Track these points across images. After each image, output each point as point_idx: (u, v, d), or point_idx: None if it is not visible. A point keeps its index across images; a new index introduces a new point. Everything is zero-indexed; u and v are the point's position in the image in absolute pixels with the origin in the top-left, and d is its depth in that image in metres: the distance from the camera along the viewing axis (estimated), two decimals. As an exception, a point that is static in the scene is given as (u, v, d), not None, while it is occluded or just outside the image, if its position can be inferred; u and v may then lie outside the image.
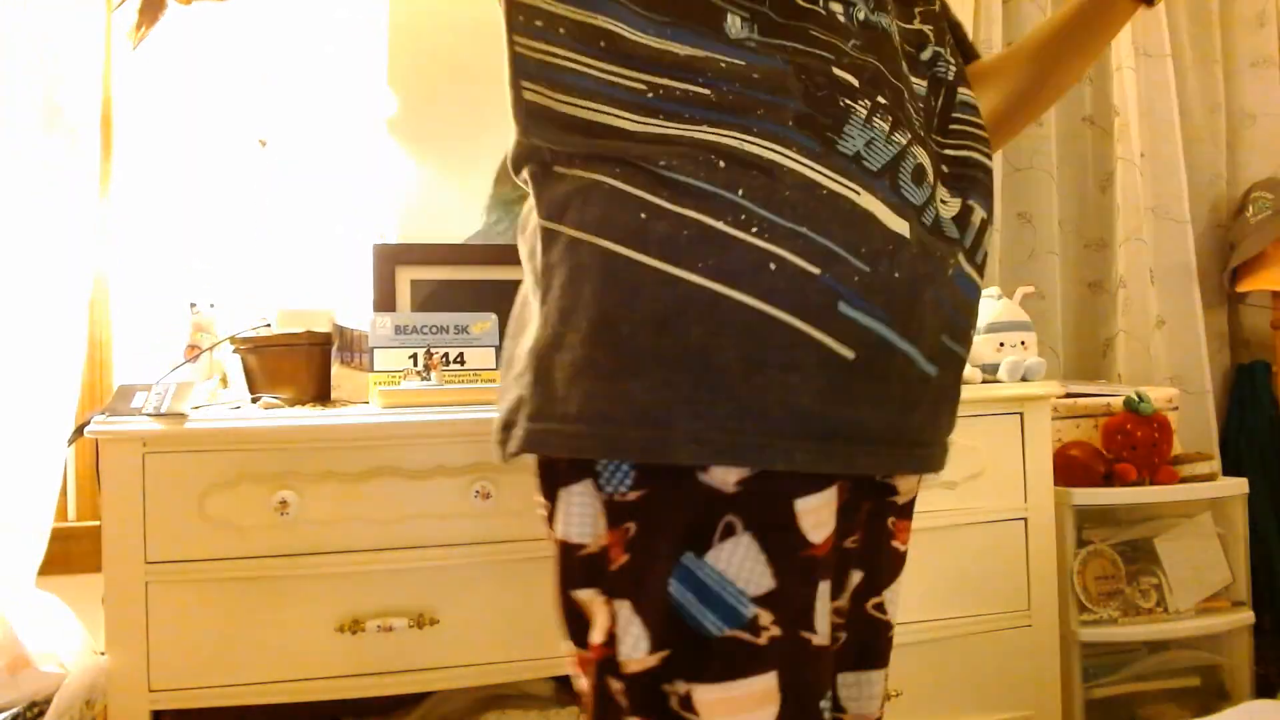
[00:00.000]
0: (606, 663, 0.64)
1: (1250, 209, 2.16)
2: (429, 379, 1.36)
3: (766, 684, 0.61)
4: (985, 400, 1.50)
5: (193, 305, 1.57)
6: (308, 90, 1.61)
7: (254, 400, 1.38)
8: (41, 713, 1.16)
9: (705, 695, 0.61)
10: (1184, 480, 1.76)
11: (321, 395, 1.44)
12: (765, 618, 0.61)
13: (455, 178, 1.79)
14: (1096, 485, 1.71)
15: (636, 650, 0.63)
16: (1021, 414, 1.52)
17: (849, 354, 0.61)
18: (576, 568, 0.67)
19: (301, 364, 1.43)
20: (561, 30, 0.66)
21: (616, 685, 0.64)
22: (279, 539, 1.20)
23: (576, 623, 0.68)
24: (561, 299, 0.65)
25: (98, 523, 1.28)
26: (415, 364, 1.39)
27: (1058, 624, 1.54)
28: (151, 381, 1.27)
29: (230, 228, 1.68)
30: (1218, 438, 2.11)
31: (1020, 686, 1.49)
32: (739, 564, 0.61)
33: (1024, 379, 1.56)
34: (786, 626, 0.62)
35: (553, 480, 0.68)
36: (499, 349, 1.47)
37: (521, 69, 0.69)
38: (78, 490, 1.62)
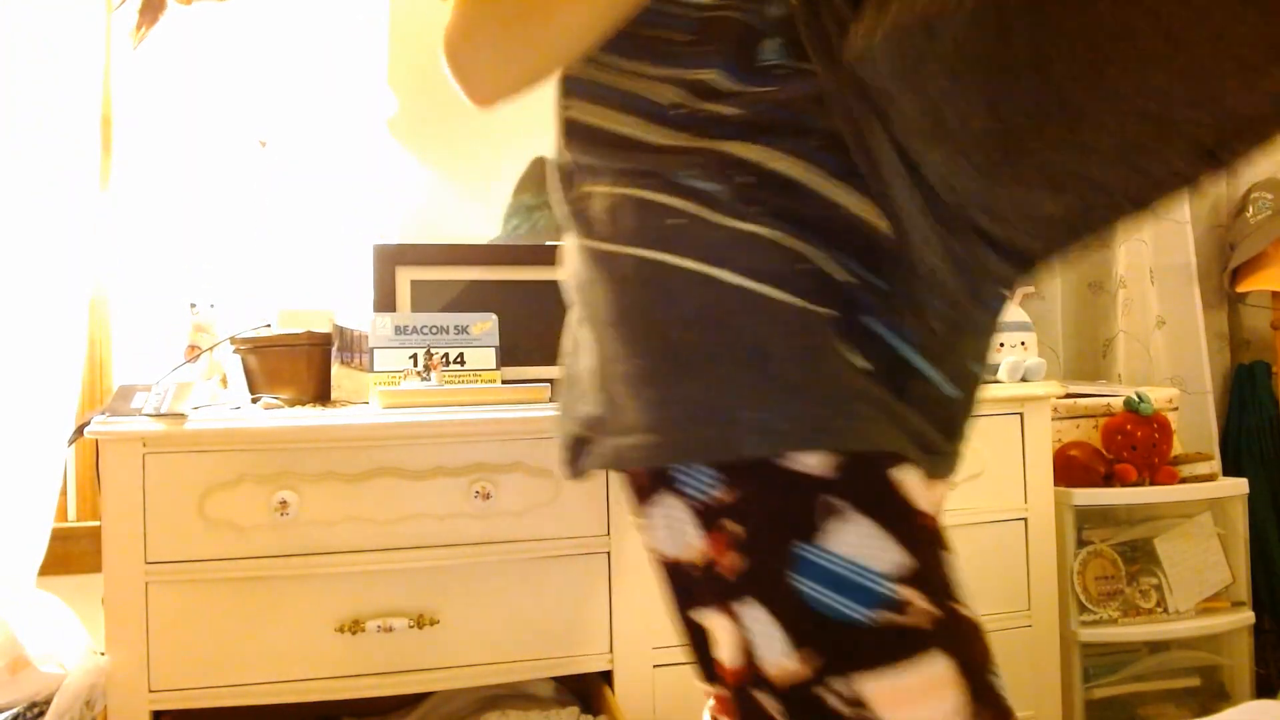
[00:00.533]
0: (750, 679, 0.59)
1: (1250, 209, 2.16)
2: (429, 379, 1.36)
3: (935, 667, 0.56)
4: (985, 400, 1.49)
5: (193, 305, 1.57)
6: (308, 90, 1.61)
7: (254, 400, 1.38)
8: (41, 713, 1.16)
9: (873, 686, 0.56)
10: (1184, 480, 1.76)
11: (321, 395, 1.44)
12: (906, 593, 0.56)
13: (455, 178, 1.79)
14: (1096, 485, 1.71)
15: (774, 653, 0.58)
16: (1022, 414, 1.52)
17: (869, 366, 0.61)
18: (685, 586, 0.65)
19: (302, 364, 1.43)
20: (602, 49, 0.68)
21: (771, 702, 0.58)
22: (279, 539, 1.20)
23: (704, 653, 0.65)
24: (609, 312, 0.65)
25: (98, 523, 1.28)
26: (415, 364, 1.39)
27: (1058, 624, 1.54)
28: (151, 382, 1.27)
29: (230, 228, 1.68)
30: (1218, 438, 2.10)
31: (1020, 686, 1.49)
32: (858, 543, 0.57)
33: (1024, 379, 1.56)
34: (934, 600, 0.57)
35: (639, 495, 0.67)
36: (499, 349, 1.47)
37: (564, 88, 0.71)
38: (78, 490, 1.62)
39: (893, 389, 0.62)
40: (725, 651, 0.61)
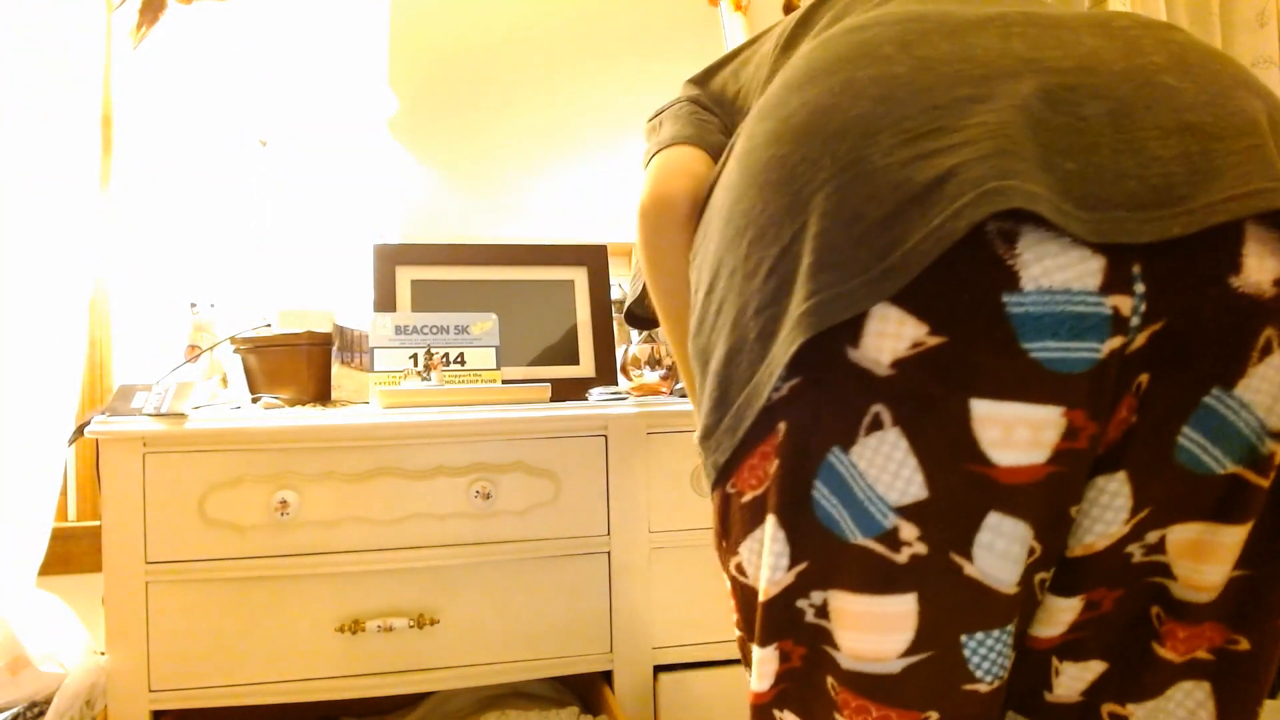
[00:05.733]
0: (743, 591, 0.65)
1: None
2: (429, 379, 1.36)
3: (902, 607, 0.56)
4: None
5: (193, 305, 1.57)
6: (308, 90, 1.61)
7: (254, 400, 1.38)
8: (41, 713, 1.16)
9: (849, 604, 0.58)
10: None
11: (322, 395, 1.44)
12: (908, 531, 0.56)
13: (455, 178, 1.79)
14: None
15: (776, 569, 0.60)
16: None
17: None
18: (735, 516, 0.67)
19: (302, 364, 1.43)
20: None
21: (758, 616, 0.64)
22: (279, 539, 1.20)
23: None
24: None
25: (98, 523, 1.28)
26: (416, 364, 1.39)
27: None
28: (151, 381, 1.27)
29: (230, 227, 1.68)
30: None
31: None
32: (882, 464, 0.55)
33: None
34: (934, 546, 0.56)
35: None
36: (499, 349, 1.47)
37: None
38: (78, 490, 1.62)
39: None
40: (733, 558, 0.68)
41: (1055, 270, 0.52)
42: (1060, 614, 0.60)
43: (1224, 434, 0.54)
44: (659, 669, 1.31)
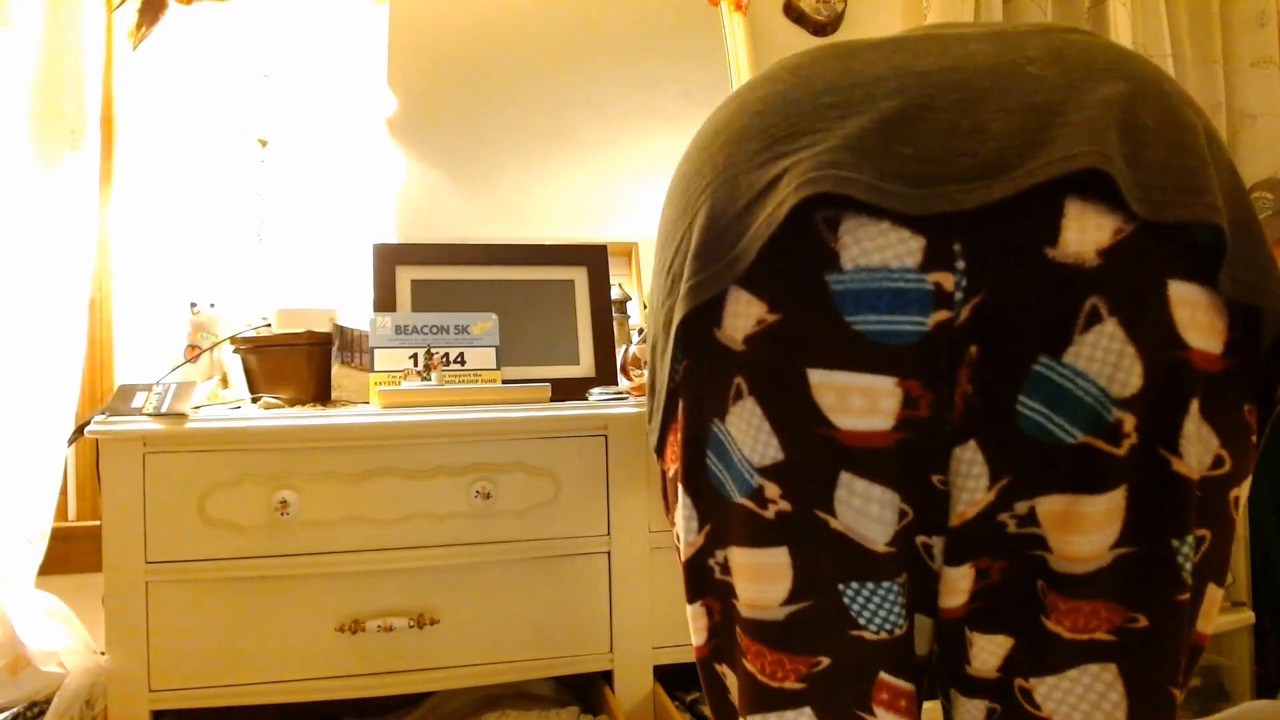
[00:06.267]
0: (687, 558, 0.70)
1: (1250, 209, 2.16)
2: (429, 379, 1.36)
3: (777, 557, 0.63)
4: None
5: (193, 305, 1.57)
6: (308, 90, 1.61)
7: (254, 400, 1.38)
8: (41, 713, 1.16)
9: (738, 557, 0.65)
10: (1184, 480, 1.76)
11: (322, 395, 1.44)
12: (771, 490, 0.62)
13: (455, 178, 1.79)
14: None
15: (689, 532, 0.68)
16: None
17: None
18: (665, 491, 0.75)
19: (302, 364, 1.43)
20: None
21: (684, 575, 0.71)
22: (279, 539, 1.20)
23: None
24: None
25: (98, 523, 1.28)
26: (416, 364, 1.39)
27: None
28: (152, 381, 1.27)
29: (230, 227, 1.68)
30: (1218, 438, 2.10)
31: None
32: (744, 429, 0.62)
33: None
34: (796, 503, 0.62)
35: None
36: (499, 349, 1.47)
37: None
38: (78, 490, 1.62)
39: None
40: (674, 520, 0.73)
41: (874, 251, 0.57)
42: (957, 582, 0.62)
43: (1065, 402, 0.57)
44: (659, 669, 1.31)
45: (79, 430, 1.22)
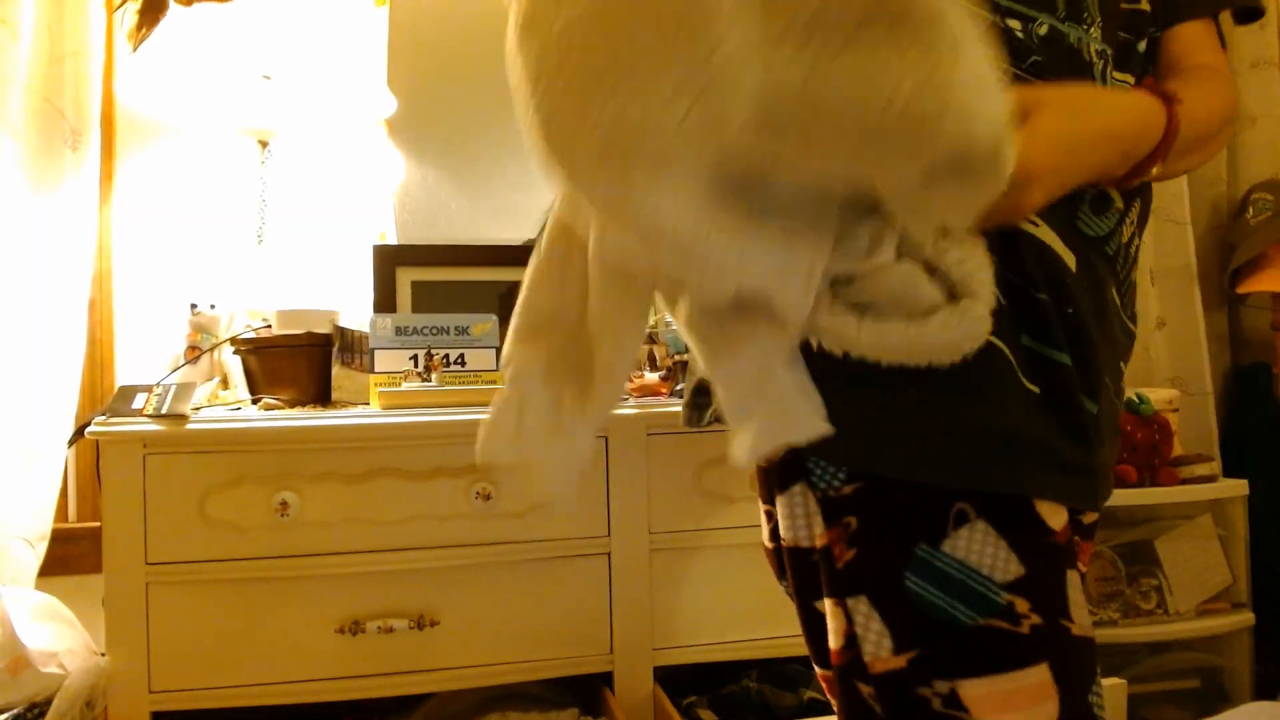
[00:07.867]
0: (850, 667, 0.62)
1: (1250, 210, 2.16)
2: (430, 380, 1.36)
3: (1040, 676, 0.58)
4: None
5: (193, 306, 1.57)
6: (308, 91, 1.61)
7: (254, 401, 1.38)
8: (41, 714, 1.16)
9: (973, 690, 0.58)
10: (1184, 482, 1.76)
11: (322, 396, 1.44)
12: (1021, 605, 0.58)
13: (455, 178, 1.79)
14: (1097, 486, 1.71)
15: (881, 649, 0.61)
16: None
17: (1035, 389, 0.62)
18: (807, 574, 0.66)
19: (302, 365, 1.43)
20: None
21: (866, 689, 0.62)
22: (279, 540, 1.20)
23: (818, 640, 0.67)
24: None
25: (98, 524, 1.28)
26: (416, 365, 1.39)
27: (1058, 625, 1.54)
28: (152, 382, 1.27)
29: (230, 228, 1.68)
30: (1218, 439, 2.10)
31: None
32: (980, 551, 0.59)
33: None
34: (1045, 614, 0.59)
35: (769, 485, 0.70)
36: (499, 350, 1.47)
37: None
38: (78, 491, 1.62)
39: (1054, 412, 0.62)
40: (832, 638, 0.63)
41: None
42: None
43: None
44: (659, 669, 1.31)
45: (79, 431, 1.22)
